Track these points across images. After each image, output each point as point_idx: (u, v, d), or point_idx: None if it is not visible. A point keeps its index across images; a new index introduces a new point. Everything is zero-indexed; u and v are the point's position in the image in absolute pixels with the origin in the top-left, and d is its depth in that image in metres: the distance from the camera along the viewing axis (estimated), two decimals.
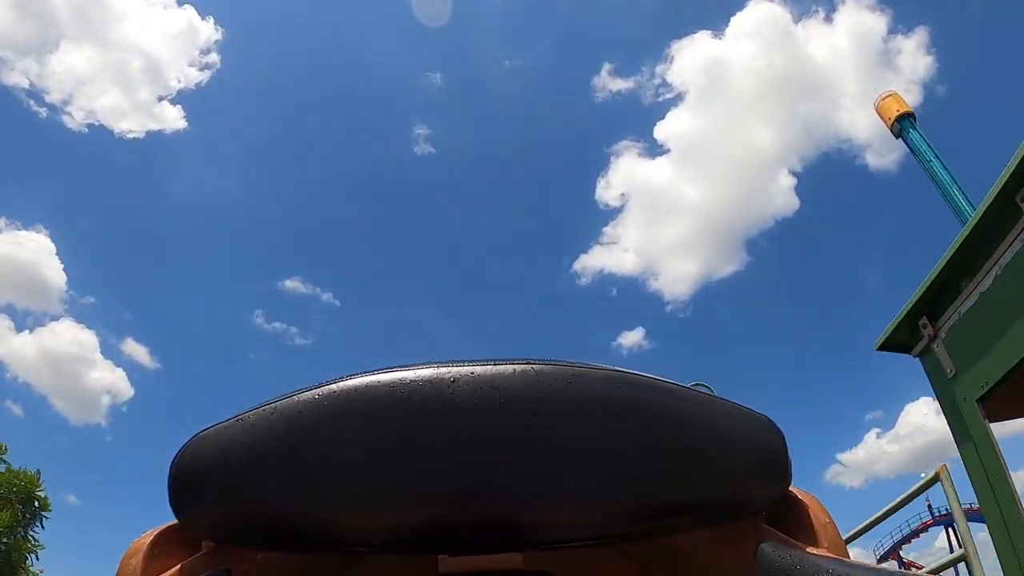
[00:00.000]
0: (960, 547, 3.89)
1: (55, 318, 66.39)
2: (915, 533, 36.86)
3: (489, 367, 0.73)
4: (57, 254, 64.76)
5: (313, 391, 0.72)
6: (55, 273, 64.70)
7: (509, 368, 0.72)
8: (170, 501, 0.75)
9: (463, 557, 0.86)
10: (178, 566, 0.76)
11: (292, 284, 75.98)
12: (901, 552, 37.94)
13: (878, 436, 70.20)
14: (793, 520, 0.82)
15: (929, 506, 36.80)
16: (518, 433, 0.70)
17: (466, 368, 0.73)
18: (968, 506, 4.92)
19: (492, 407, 0.70)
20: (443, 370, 0.72)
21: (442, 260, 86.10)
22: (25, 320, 66.61)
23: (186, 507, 0.74)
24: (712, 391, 1.08)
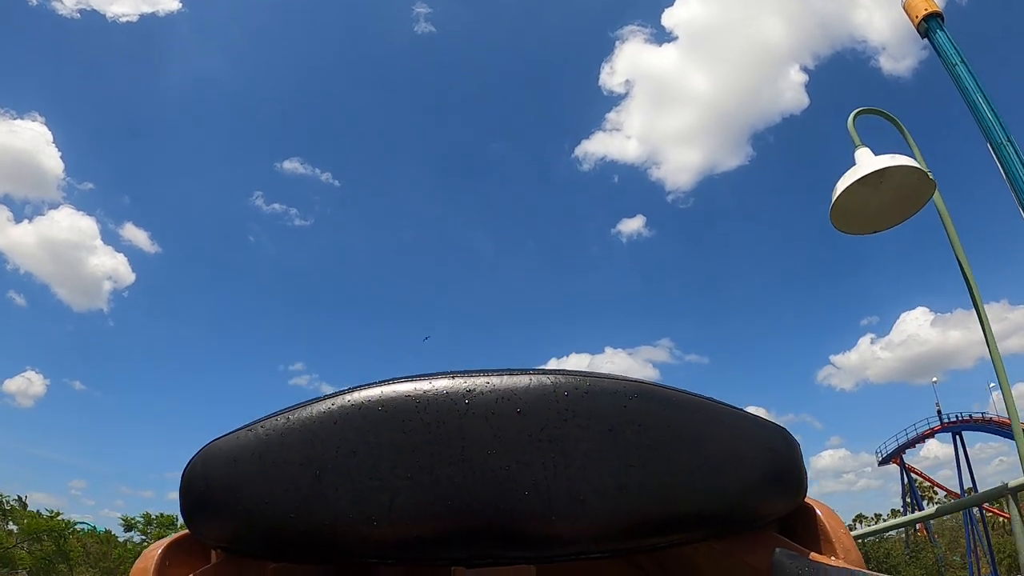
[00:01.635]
0: None
1: (54, 206, 67.47)
2: (921, 438, 37.20)
3: (505, 377, 0.73)
4: (53, 141, 64.85)
5: (326, 401, 0.72)
6: (52, 161, 65.15)
7: (525, 378, 0.73)
8: (181, 511, 0.75)
9: (477, 569, 0.85)
10: None
11: (291, 165, 75.81)
12: (904, 456, 38.59)
13: (872, 342, 70.43)
14: (808, 530, 0.82)
15: (939, 412, 36.91)
16: (533, 444, 0.70)
17: (482, 378, 0.73)
18: None
19: (508, 418, 0.71)
20: (459, 380, 0.73)
21: (442, 140, 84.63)
22: (23, 210, 67.88)
23: (197, 517, 0.74)
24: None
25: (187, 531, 0.79)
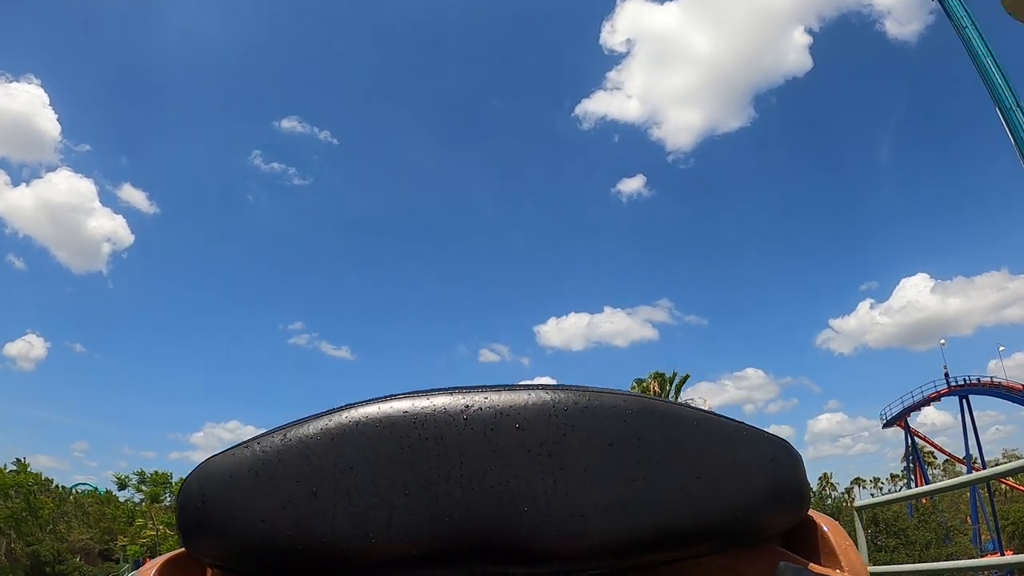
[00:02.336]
0: None
1: (51, 169, 67.46)
2: (927, 401, 36.80)
3: (503, 393, 0.72)
4: (50, 104, 64.28)
5: (324, 418, 0.72)
6: (49, 123, 64.81)
7: (524, 394, 0.73)
8: (178, 529, 0.74)
9: None
10: None
11: (289, 124, 75.28)
12: (908, 419, 38.28)
13: (871, 307, 70.10)
14: (811, 543, 0.81)
15: (946, 375, 36.42)
16: (532, 460, 0.70)
17: (480, 394, 0.72)
18: None
19: (507, 433, 0.70)
20: (457, 396, 0.72)
21: (441, 97, 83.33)
22: (21, 173, 67.92)
23: (192, 535, 0.73)
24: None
25: (183, 549, 0.77)
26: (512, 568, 0.72)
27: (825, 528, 0.81)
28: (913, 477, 38.43)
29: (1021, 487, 40.22)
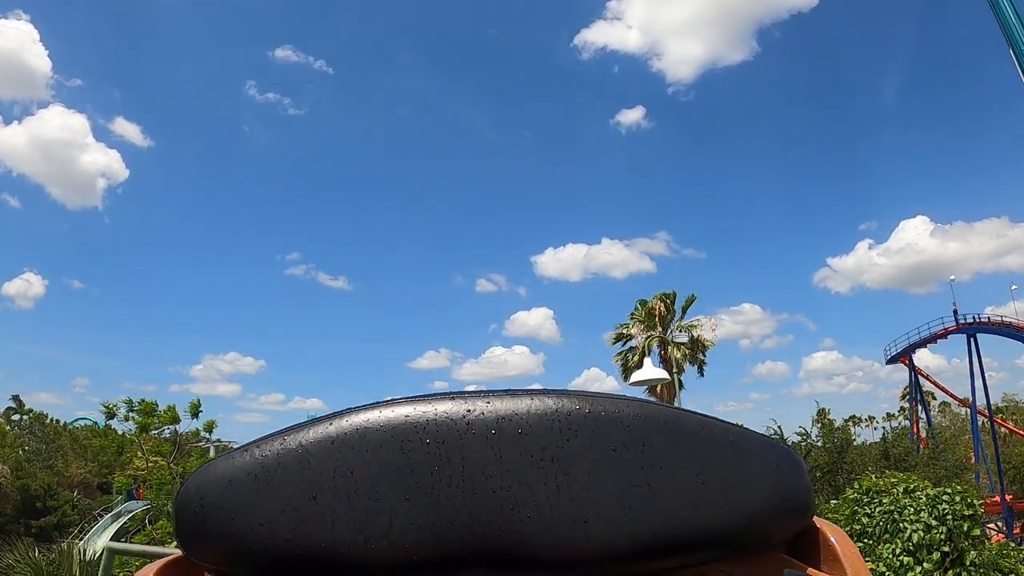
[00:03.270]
0: None
1: (43, 105, 65.72)
2: (933, 338, 36.12)
3: (506, 398, 0.72)
4: (40, 40, 61.71)
5: (324, 422, 0.70)
6: (39, 59, 62.87)
7: (526, 399, 0.71)
8: (176, 533, 0.73)
9: None
10: None
11: (283, 53, 73.06)
12: (914, 356, 37.71)
13: (870, 247, 69.52)
14: (816, 551, 0.79)
15: (955, 311, 35.64)
16: (535, 465, 0.69)
17: (482, 400, 0.71)
18: None
19: (509, 439, 0.69)
20: (459, 401, 0.71)
21: (437, 25, 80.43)
22: (12, 111, 66.02)
23: (190, 540, 0.72)
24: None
25: (181, 553, 0.75)
26: (515, 574, 0.70)
27: (830, 535, 0.78)
28: (913, 416, 38.18)
29: (1021, 431, 40.20)
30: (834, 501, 8.83)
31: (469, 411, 0.70)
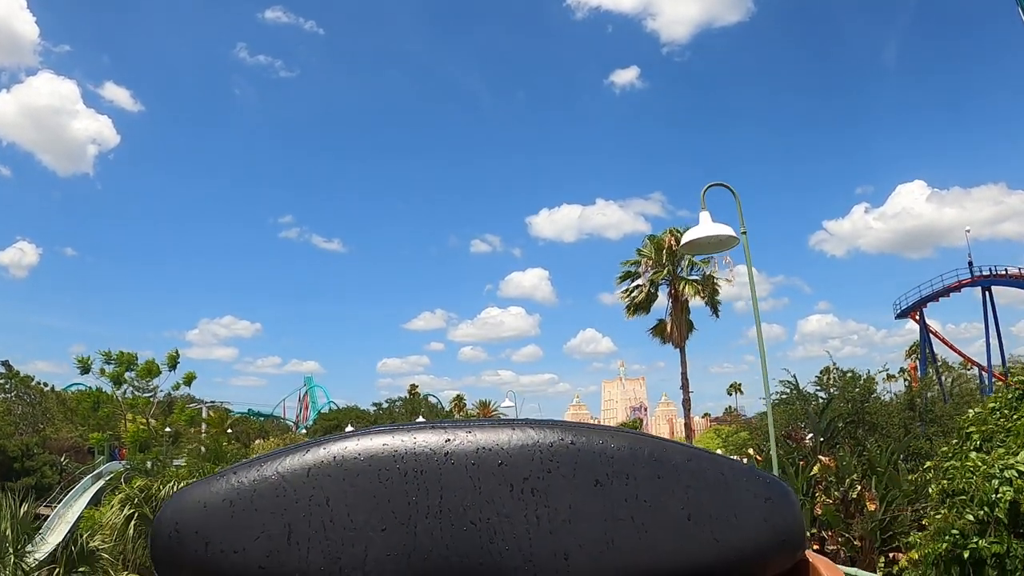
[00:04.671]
0: None
1: (32, 73, 63.56)
2: (946, 291, 34.86)
3: (487, 429, 0.71)
4: (27, 6, 59.07)
5: (301, 450, 0.70)
6: (27, 26, 60.60)
7: (507, 430, 0.71)
8: (151, 557, 0.72)
9: None
10: None
11: (273, 15, 70.98)
12: (925, 310, 36.52)
13: (866, 211, 68.31)
14: None
15: (970, 263, 34.32)
16: (515, 497, 0.68)
17: (463, 430, 0.71)
18: None
19: (489, 469, 0.68)
20: (439, 431, 0.71)
21: None
22: (0, 79, 63.01)
23: (166, 564, 0.71)
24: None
25: None
26: None
27: (822, 571, 0.77)
28: (933, 369, 37.13)
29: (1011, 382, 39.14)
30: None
31: (448, 440, 0.69)
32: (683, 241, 7.54)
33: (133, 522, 14.73)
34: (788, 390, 19.31)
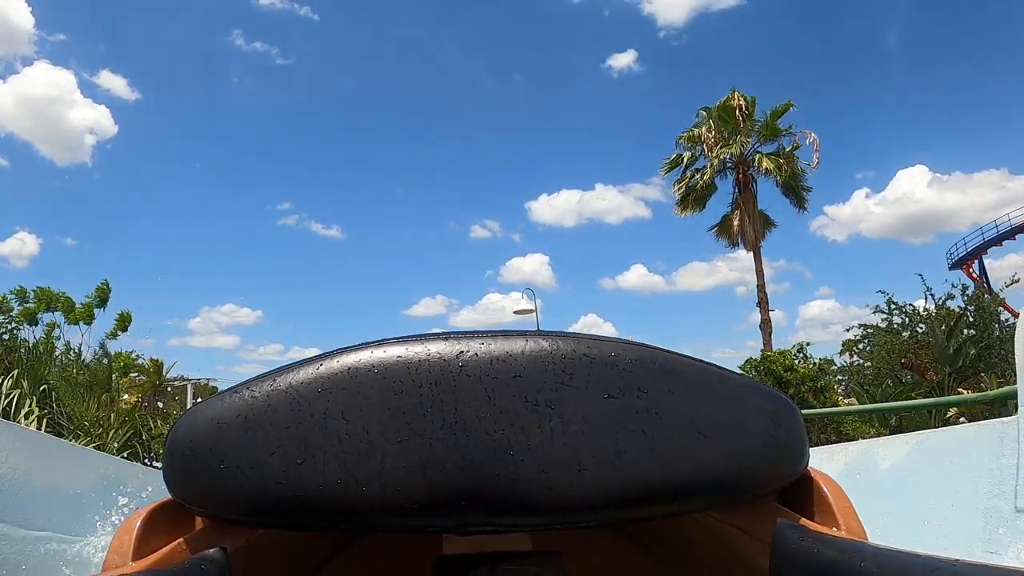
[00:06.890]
0: None
1: (27, 63, 60.79)
2: (1012, 232, 30.75)
3: (500, 339, 0.71)
4: None
5: (314, 363, 0.70)
6: (21, 15, 58.10)
7: (521, 341, 0.71)
8: (164, 477, 0.73)
9: (468, 537, 0.83)
10: (172, 544, 0.75)
11: (267, 1, 67.06)
12: (984, 257, 32.43)
13: (867, 196, 65.30)
14: (810, 501, 0.79)
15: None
16: (529, 408, 0.68)
17: (476, 340, 0.71)
18: None
19: (503, 381, 0.69)
20: (453, 342, 0.71)
21: None
22: None
23: (179, 483, 0.72)
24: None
25: (170, 497, 0.75)
26: (507, 519, 0.70)
27: (824, 487, 0.78)
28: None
29: None
30: None
31: (463, 352, 0.69)
32: None
33: None
34: (885, 314, 15.25)
